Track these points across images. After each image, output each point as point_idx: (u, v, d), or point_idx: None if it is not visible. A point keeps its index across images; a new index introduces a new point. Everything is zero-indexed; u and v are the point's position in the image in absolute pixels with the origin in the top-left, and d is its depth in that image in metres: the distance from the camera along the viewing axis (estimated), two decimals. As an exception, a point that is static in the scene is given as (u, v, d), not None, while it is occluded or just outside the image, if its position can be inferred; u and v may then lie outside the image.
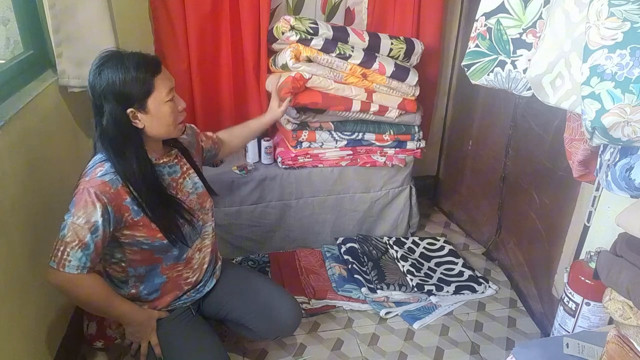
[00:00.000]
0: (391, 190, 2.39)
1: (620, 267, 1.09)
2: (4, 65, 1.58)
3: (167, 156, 1.44)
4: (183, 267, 1.49)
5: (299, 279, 2.14)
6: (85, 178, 1.30)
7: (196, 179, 1.53)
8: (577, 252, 1.65)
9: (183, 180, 1.48)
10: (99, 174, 1.28)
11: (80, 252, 1.25)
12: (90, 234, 1.24)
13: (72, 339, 1.71)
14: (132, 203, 1.31)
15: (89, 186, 1.26)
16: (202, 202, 1.52)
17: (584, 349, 1.21)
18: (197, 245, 1.51)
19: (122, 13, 1.97)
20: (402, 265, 2.22)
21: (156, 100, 1.29)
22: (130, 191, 1.30)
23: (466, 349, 1.85)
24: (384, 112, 2.20)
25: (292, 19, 2.03)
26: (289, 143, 2.24)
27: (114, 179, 1.29)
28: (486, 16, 1.21)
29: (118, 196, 1.29)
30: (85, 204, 1.25)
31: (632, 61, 0.84)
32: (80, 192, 1.27)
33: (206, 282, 1.59)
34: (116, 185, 1.29)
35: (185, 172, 1.50)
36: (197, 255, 1.52)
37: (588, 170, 1.30)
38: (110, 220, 1.27)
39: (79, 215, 1.25)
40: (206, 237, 1.55)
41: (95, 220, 1.24)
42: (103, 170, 1.29)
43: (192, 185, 1.50)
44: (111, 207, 1.27)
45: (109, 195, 1.27)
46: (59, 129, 1.77)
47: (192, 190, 1.50)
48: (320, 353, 1.82)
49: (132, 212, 1.32)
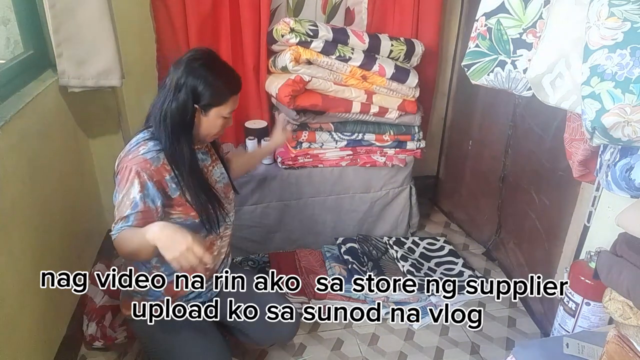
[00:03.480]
0: (391, 190, 2.39)
1: (620, 267, 1.10)
2: (4, 65, 1.58)
3: (200, 144, 1.50)
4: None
5: (299, 279, 2.14)
6: (128, 156, 1.33)
7: (223, 170, 1.59)
8: (577, 252, 1.65)
9: (212, 168, 1.54)
10: (141, 152, 1.33)
11: (121, 224, 1.29)
12: (130, 209, 1.29)
13: (72, 339, 1.71)
14: (171, 180, 1.36)
15: (132, 164, 1.31)
16: (226, 192, 1.58)
17: (584, 349, 1.21)
18: (220, 233, 1.54)
19: (122, 13, 1.98)
20: (402, 265, 2.22)
21: (218, 112, 1.38)
22: (171, 169, 1.36)
23: (466, 349, 1.85)
24: (384, 113, 2.20)
25: (291, 22, 2.03)
26: (289, 144, 2.24)
27: (155, 156, 1.34)
28: (486, 16, 1.21)
29: (159, 173, 1.34)
30: (127, 182, 1.30)
31: (632, 61, 0.84)
32: (122, 170, 1.32)
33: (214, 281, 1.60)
34: (157, 163, 1.34)
35: (214, 161, 1.57)
36: (218, 242, 1.55)
37: (588, 170, 1.30)
38: (150, 195, 1.31)
39: (122, 194, 1.30)
40: (228, 226, 1.59)
41: (133, 197, 1.29)
42: (146, 148, 1.34)
43: (219, 174, 1.57)
44: (152, 182, 1.31)
45: (150, 171, 1.31)
46: (59, 129, 1.77)
47: (219, 179, 1.55)
48: (320, 353, 1.82)
49: (170, 189, 1.37)
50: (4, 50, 1.77)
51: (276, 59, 2.21)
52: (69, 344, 1.68)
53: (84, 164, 2.04)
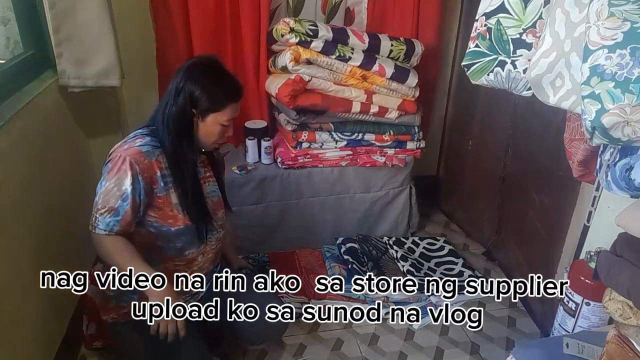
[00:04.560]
0: (391, 190, 2.39)
1: (620, 267, 1.09)
2: (4, 65, 1.58)
3: (197, 157, 1.50)
4: (183, 265, 1.49)
5: (299, 279, 2.14)
6: (123, 146, 1.33)
7: (215, 187, 1.57)
8: (577, 252, 1.65)
9: (205, 184, 1.53)
10: (137, 144, 1.33)
11: (109, 218, 1.29)
12: (121, 201, 1.29)
13: (72, 339, 1.71)
14: (161, 178, 1.36)
15: (125, 154, 1.30)
16: (215, 209, 1.55)
17: (583, 349, 1.21)
18: (202, 249, 1.52)
19: (122, 13, 1.98)
20: (402, 265, 2.22)
21: (215, 119, 1.38)
22: (165, 168, 1.36)
23: (466, 349, 1.85)
24: (383, 113, 2.20)
25: (291, 22, 2.03)
26: (289, 143, 2.24)
27: (150, 151, 1.34)
28: (486, 16, 1.21)
29: (151, 168, 1.34)
30: (117, 171, 1.29)
31: (632, 61, 0.84)
32: (115, 159, 1.31)
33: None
34: (151, 157, 1.34)
35: (208, 177, 1.55)
36: (200, 259, 1.53)
37: (588, 170, 1.30)
38: (139, 190, 1.31)
39: (111, 182, 1.29)
40: (212, 244, 1.55)
41: (125, 188, 1.29)
42: (143, 141, 1.35)
43: (210, 190, 1.55)
44: (142, 177, 1.31)
45: (142, 165, 1.31)
46: (59, 129, 1.77)
47: (209, 195, 1.53)
48: (320, 353, 1.82)
49: (158, 187, 1.36)
50: (4, 50, 1.77)
51: (276, 59, 2.21)
52: (69, 344, 1.68)
53: (83, 163, 2.04)
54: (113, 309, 1.50)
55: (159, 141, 1.38)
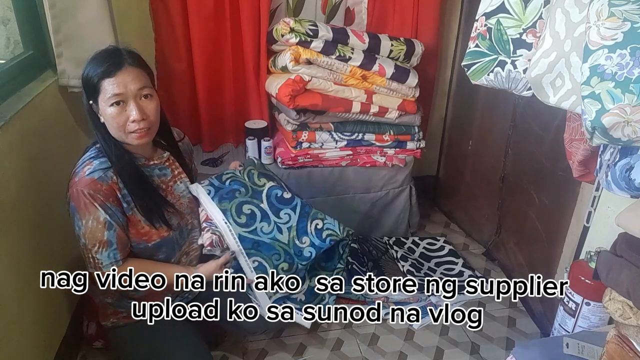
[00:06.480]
0: (391, 190, 2.38)
1: (620, 267, 1.09)
2: (4, 65, 1.58)
3: (157, 158, 1.46)
4: None
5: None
6: (75, 178, 1.31)
7: (189, 183, 1.54)
8: (577, 252, 1.65)
9: (174, 184, 1.49)
10: (87, 172, 1.30)
11: (106, 251, 1.29)
12: (106, 231, 1.28)
13: (72, 339, 1.71)
14: (122, 198, 1.34)
15: (81, 187, 1.28)
16: (193, 206, 1.53)
17: (583, 349, 1.21)
18: (184, 249, 1.51)
19: (122, 13, 1.98)
20: (402, 265, 2.22)
21: (102, 102, 1.30)
22: (121, 188, 1.33)
23: (466, 349, 1.85)
24: (383, 113, 2.20)
25: (291, 22, 2.03)
26: (289, 144, 2.24)
27: (103, 176, 1.30)
28: (486, 16, 1.21)
29: (111, 191, 1.31)
30: (85, 207, 1.27)
31: (632, 61, 0.84)
32: (75, 197, 1.28)
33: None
34: (107, 181, 1.30)
35: (177, 175, 1.51)
36: (184, 259, 1.52)
37: (588, 170, 1.30)
38: (116, 213, 1.30)
39: (86, 219, 1.27)
40: (194, 241, 1.55)
41: (103, 218, 1.27)
42: (91, 167, 1.31)
43: (183, 188, 1.52)
44: (109, 202, 1.29)
45: (103, 192, 1.29)
46: (59, 129, 1.77)
47: (183, 194, 1.51)
48: (320, 353, 1.82)
49: (124, 207, 1.34)
50: (4, 50, 1.77)
51: (276, 59, 2.21)
52: (69, 344, 1.68)
53: (84, 164, 2.03)
54: (112, 314, 1.51)
55: (107, 157, 1.33)
